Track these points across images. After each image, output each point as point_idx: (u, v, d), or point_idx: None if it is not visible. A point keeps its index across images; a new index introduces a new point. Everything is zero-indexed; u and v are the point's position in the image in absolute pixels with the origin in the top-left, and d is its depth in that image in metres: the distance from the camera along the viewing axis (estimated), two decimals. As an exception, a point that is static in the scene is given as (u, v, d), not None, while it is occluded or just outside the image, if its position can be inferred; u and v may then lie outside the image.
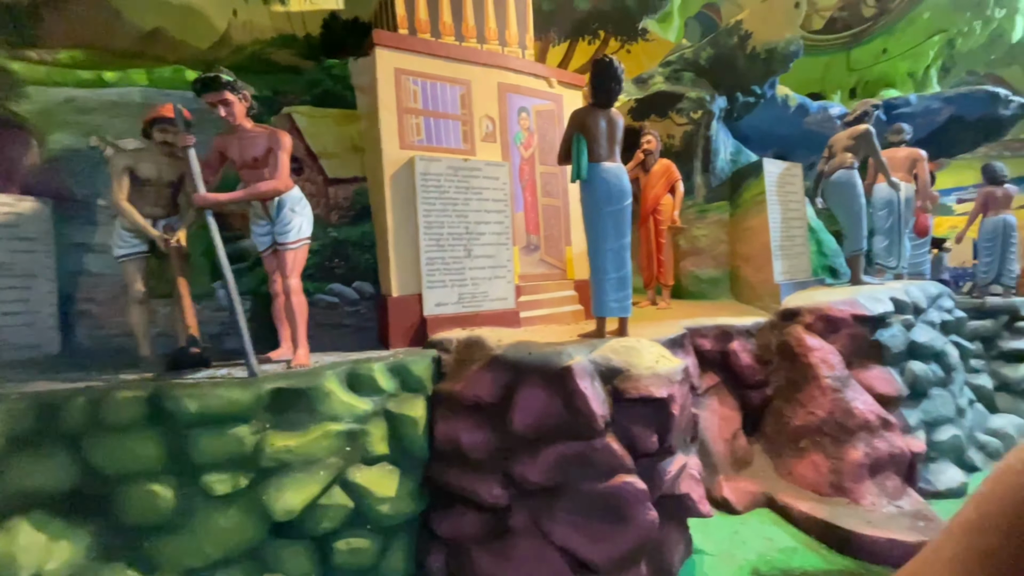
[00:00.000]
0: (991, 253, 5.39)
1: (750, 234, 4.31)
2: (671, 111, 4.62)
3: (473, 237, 3.33)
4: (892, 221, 5.06)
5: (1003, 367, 5.16)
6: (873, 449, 3.29)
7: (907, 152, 5.03)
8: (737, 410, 3.83)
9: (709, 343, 3.83)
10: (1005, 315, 5.23)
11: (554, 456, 2.43)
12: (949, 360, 4.10)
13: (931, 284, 4.49)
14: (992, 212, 5.36)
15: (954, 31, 5.79)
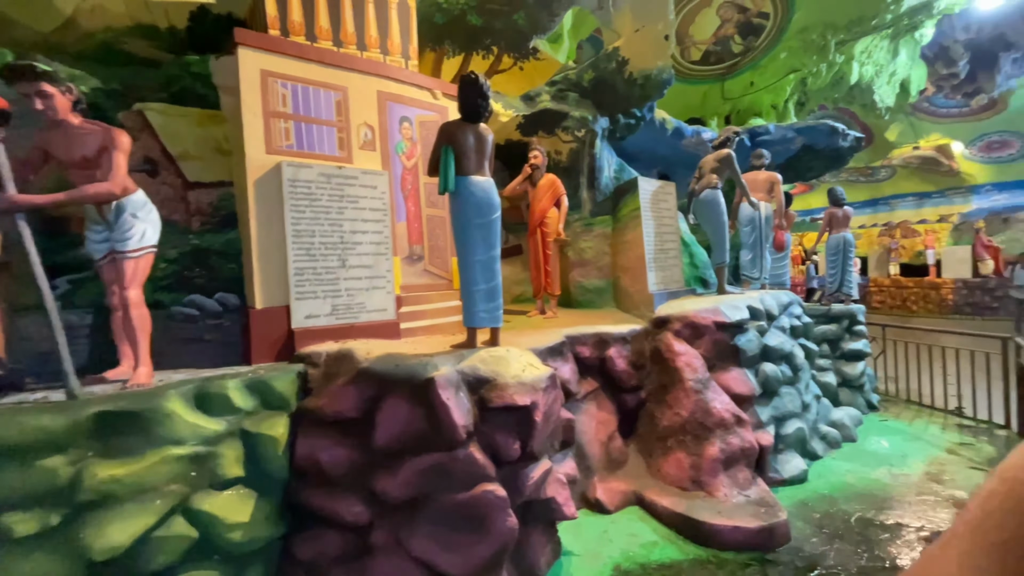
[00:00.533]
0: (835, 266, 6.15)
1: (628, 247, 4.58)
2: (558, 128, 4.83)
3: (348, 247, 3.25)
4: (755, 237, 5.61)
5: (844, 365, 5.88)
6: (728, 445, 3.60)
7: (766, 175, 5.62)
8: (614, 413, 4.04)
9: (588, 350, 4.00)
10: (846, 320, 5.98)
11: (416, 469, 2.41)
12: (796, 361, 4.60)
13: (783, 293, 5.03)
14: (835, 230, 6.13)
15: (805, 71, 6.61)
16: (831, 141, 5.98)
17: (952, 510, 3.55)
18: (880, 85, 7.40)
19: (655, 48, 4.61)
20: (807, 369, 4.90)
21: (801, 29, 6.18)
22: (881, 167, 17.25)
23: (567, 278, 5.13)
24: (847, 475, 4.15)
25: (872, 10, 5.98)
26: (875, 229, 19.41)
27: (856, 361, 5.88)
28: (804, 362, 4.82)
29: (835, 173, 18.49)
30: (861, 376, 5.87)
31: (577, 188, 4.94)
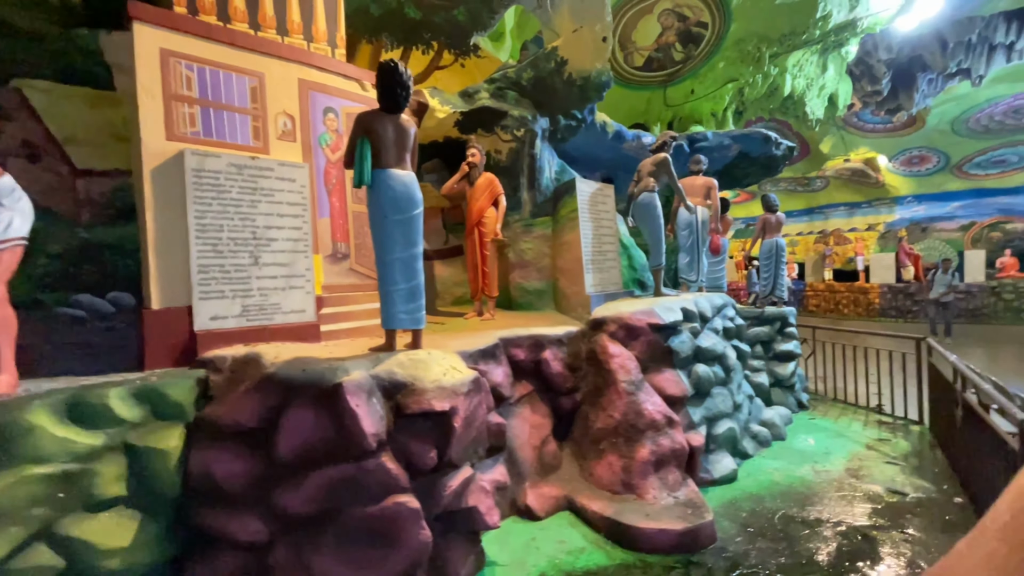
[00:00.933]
0: (768, 270, 6.37)
1: (566, 248, 4.55)
2: (497, 127, 4.75)
3: (262, 243, 3.02)
4: (692, 240, 5.72)
5: (777, 366, 6.07)
6: (658, 446, 3.60)
7: (703, 180, 5.75)
8: (549, 416, 3.97)
9: (523, 353, 3.92)
10: (778, 322, 6.19)
11: (321, 482, 2.24)
12: (729, 362, 4.68)
13: (717, 296, 5.14)
14: (768, 235, 6.35)
15: (742, 81, 6.84)
16: (765, 149, 6.21)
17: (868, 504, 3.68)
18: (811, 98, 7.79)
19: (593, 50, 4.62)
20: (739, 370, 5.01)
21: (738, 40, 6.40)
22: (816, 178, 18.23)
23: (508, 279, 5.05)
24: (774, 473, 4.25)
25: (802, 25, 6.28)
26: (811, 236, 20.47)
27: (787, 362, 6.09)
28: (736, 363, 4.93)
29: (775, 182, 19.42)
30: (792, 376, 6.08)
31: (517, 188, 4.87)
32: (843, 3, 6.23)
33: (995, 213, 16.24)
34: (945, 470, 4.26)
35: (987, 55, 9.21)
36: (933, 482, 4.04)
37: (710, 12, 6.16)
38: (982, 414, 3.50)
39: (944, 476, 4.14)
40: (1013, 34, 8.93)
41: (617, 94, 7.14)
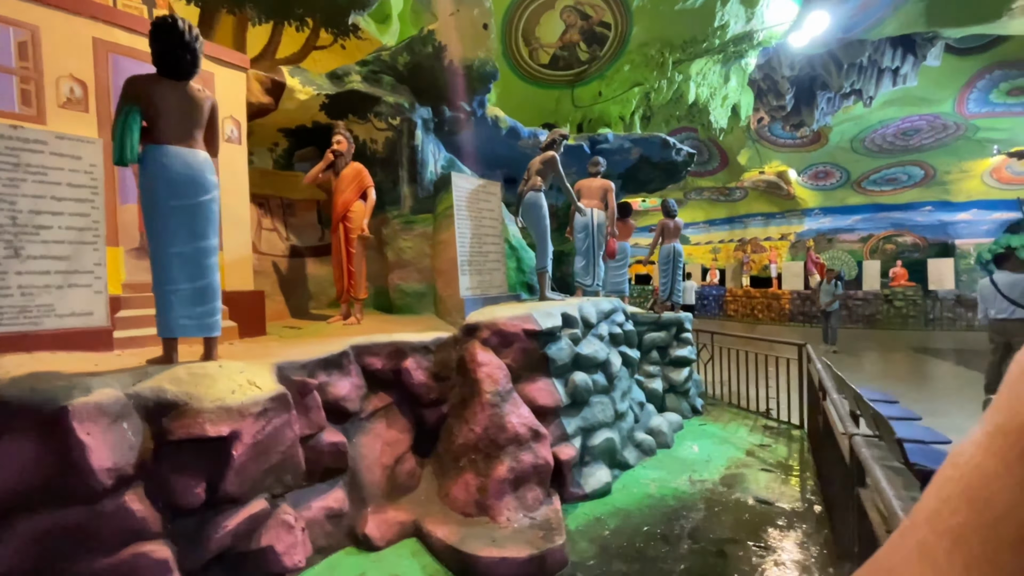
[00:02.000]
0: (666, 275, 6.36)
1: (442, 248, 4.24)
2: (370, 113, 4.37)
3: (27, 232, 2.49)
4: (588, 244, 5.57)
5: (672, 371, 6.05)
6: (519, 463, 3.34)
7: (600, 182, 5.62)
8: (409, 431, 3.64)
9: (381, 361, 3.57)
10: (674, 327, 6.17)
11: (35, 532, 1.78)
12: (612, 369, 4.53)
13: (605, 300, 5.00)
14: (667, 240, 6.34)
15: (648, 85, 6.85)
16: (665, 154, 6.21)
17: (734, 516, 3.61)
18: (715, 107, 7.97)
19: (474, 36, 4.34)
20: (625, 377, 4.89)
21: (641, 44, 6.39)
22: (736, 188, 19.06)
23: (387, 280, 4.67)
24: (650, 485, 4.12)
25: (702, 33, 6.36)
26: (732, 244, 21.40)
27: (682, 367, 6.08)
28: (622, 370, 4.80)
29: (700, 190, 20.15)
30: (686, 382, 6.07)
31: (397, 182, 4.51)
32: (740, 14, 6.37)
33: (889, 227, 17.60)
34: (813, 477, 4.30)
35: (876, 78, 9.83)
36: (800, 490, 4.05)
37: (612, 12, 6.09)
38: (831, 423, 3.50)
39: (811, 484, 4.17)
40: (898, 59, 9.56)
41: (526, 91, 6.94)
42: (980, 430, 0.31)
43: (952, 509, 0.30)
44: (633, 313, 6.21)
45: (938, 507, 0.31)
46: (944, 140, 13.96)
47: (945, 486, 0.32)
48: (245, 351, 3.13)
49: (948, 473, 0.32)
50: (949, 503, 0.31)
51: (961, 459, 0.32)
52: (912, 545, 0.33)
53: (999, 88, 11.32)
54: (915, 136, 13.95)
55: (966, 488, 0.30)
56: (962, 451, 0.32)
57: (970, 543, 0.28)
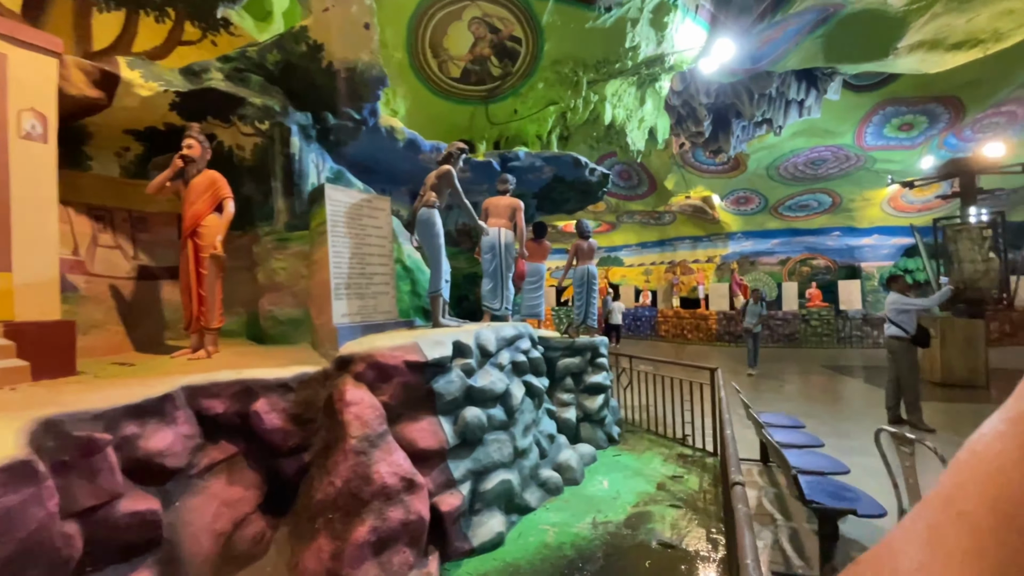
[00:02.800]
0: (580, 297, 6.12)
1: (315, 269, 3.74)
2: (234, 116, 3.85)
3: None
4: (495, 265, 5.23)
5: (586, 399, 5.75)
6: (384, 521, 2.86)
7: (508, 201, 5.33)
8: (259, 487, 3.07)
9: (223, 404, 3.01)
10: (589, 352, 5.91)
11: None
12: (512, 402, 4.15)
13: (509, 326, 4.65)
14: (580, 262, 6.13)
15: (563, 104, 6.73)
16: (577, 173, 6.06)
17: (633, 563, 3.27)
18: (632, 129, 8.01)
19: (355, 37, 3.96)
20: (530, 410, 4.52)
21: (554, 61, 6.28)
22: (665, 212, 19.64)
23: (257, 306, 4.08)
24: (550, 531, 3.73)
25: (614, 54, 6.34)
26: (662, 266, 21.98)
27: (597, 394, 5.81)
28: (526, 402, 4.44)
29: (631, 214, 20.62)
30: (602, 409, 5.80)
31: (269, 194, 3.99)
32: (650, 36, 6.42)
33: (804, 250, 18.66)
34: (721, 512, 4.07)
35: (784, 108, 10.33)
36: (706, 529, 3.79)
37: (522, 27, 5.93)
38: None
39: (717, 520, 3.93)
40: (803, 92, 10.09)
41: (438, 106, 6.61)
42: (999, 417, 0.32)
43: (966, 494, 0.31)
44: (546, 338, 5.91)
45: (952, 492, 0.32)
46: (847, 170, 15.01)
47: (960, 471, 0.32)
48: (20, 399, 2.48)
49: (964, 459, 0.33)
50: (963, 488, 0.31)
51: (979, 446, 0.32)
52: (922, 528, 0.33)
53: (891, 123, 12.30)
54: (822, 166, 14.91)
55: (982, 474, 0.30)
56: (980, 438, 0.32)
57: (982, 527, 0.28)
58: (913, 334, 6.22)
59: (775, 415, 5.05)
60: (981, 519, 0.28)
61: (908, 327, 6.24)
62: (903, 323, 6.27)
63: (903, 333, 6.27)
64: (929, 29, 7.35)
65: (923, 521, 0.33)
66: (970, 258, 9.43)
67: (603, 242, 24.03)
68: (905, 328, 6.26)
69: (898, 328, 6.30)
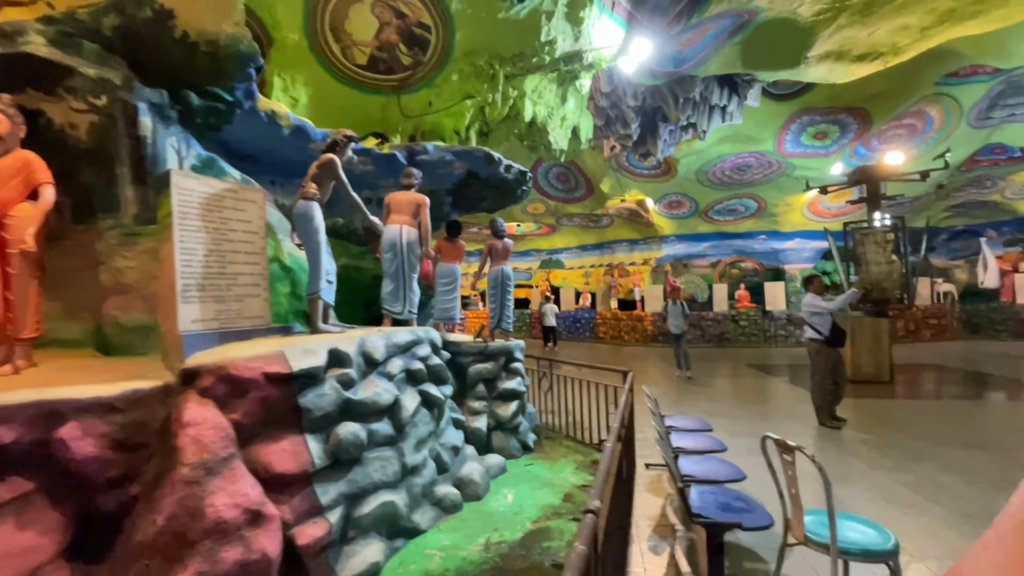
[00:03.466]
0: (495, 300, 5.84)
1: (162, 267, 3.23)
2: (60, 88, 3.29)
3: None
4: (396, 265, 4.86)
5: (499, 407, 5.47)
6: (214, 564, 2.42)
7: (412, 196, 4.97)
8: (62, 529, 2.55)
9: (15, 431, 2.48)
10: (503, 357, 5.64)
11: None
12: (403, 415, 3.79)
13: (405, 331, 4.29)
14: (495, 262, 5.85)
15: (481, 99, 6.45)
16: (492, 170, 5.79)
17: (520, 591, 2.99)
18: (554, 127, 7.86)
19: (213, 5, 3.50)
20: (427, 422, 4.17)
21: (468, 52, 5.99)
22: (603, 215, 19.83)
23: (101, 311, 3.51)
24: (436, 557, 3.40)
25: (530, 47, 6.14)
26: (601, 269, 22.22)
27: (510, 401, 5.54)
28: (421, 414, 4.09)
29: (571, 216, 20.68)
30: (515, 417, 5.54)
31: (113, 183, 3.44)
32: (567, 31, 6.27)
33: (733, 253, 19.36)
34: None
35: (708, 113, 10.54)
36: (604, 543, 3.58)
37: (430, 14, 5.60)
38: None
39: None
40: (725, 98, 10.32)
41: (347, 96, 6.15)
42: None
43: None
44: (457, 343, 5.60)
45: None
46: (771, 176, 15.68)
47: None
48: None
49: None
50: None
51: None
52: (999, 557, 0.31)
53: (807, 131, 12.92)
54: (748, 171, 15.49)
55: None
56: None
57: None
58: (827, 335, 6.35)
59: (684, 418, 4.96)
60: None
61: (823, 329, 6.37)
62: (817, 325, 6.40)
63: (817, 335, 6.40)
64: (835, 40, 7.63)
65: (999, 550, 0.31)
66: (876, 260, 9.94)
67: (544, 245, 24.04)
68: (819, 330, 6.39)
69: (813, 330, 6.43)
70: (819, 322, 6.40)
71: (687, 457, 3.81)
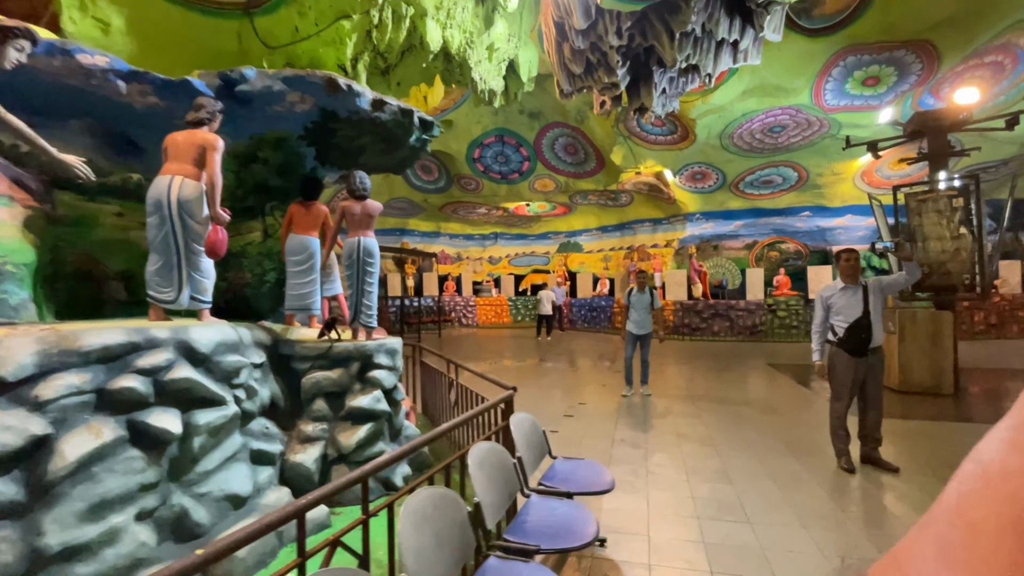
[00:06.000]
0: (351, 283, 4.30)
1: None
2: None
3: None
4: (164, 233, 3.41)
5: (344, 431, 3.96)
6: None
7: (197, 137, 3.50)
8: None
9: None
10: (356, 362, 4.11)
11: None
12: (54, 467, 2.35)
13: (114, 331, 2.82)
14: (353, 232, 4.28)
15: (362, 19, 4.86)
16: (348, 104, 4.21)
17: None
18: (478, 60, 6.08)
19: None
20: (134, 471, 2.71)
21: (331, -48, 4.44)
22: (621, 192, 17.73)
23: None
24: None
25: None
26: (621, 252, 20.13)
27: (362, 424, 4.01)
28: (115, 459, 2.63)
29: (585, 194, 18.61)
30: (367, 446, 4.02)
31: None
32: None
33: (772, 233, 16.79)
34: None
35: (714, 52, 8.40)
36: None
37: None
38: None
39: None
40: (736, 32, 8.15)
41: (182, 19, 4.74)
42: (1004, 425, 0.32)
43: (972, 503, 0.31)
44: (292, 341, 4.13)
45: (958, 502, 0.32)
46: (810, 138, 13.08)
47: (966, 481, 0.32)
48: None
49: (969, 468, 0.33)
50: (969, 498, 0.31)
51: (984, 455, 0.32)
52: (929, 540, 0.33)
53: (854, 77, 10.37)
54: (782, 133, 12.98)
55: (988, 483, 0.30)
56: (985, 447, 0.32)
57: (990, 538, 0.28)
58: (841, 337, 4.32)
59: (576, 464, 3.27)
60: (989, 530, 0.28)
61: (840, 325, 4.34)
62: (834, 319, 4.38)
63: (831, 336, 4.42)
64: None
65: (929, 533, 0.33)
66: (937, 234, 7.60)
67: (562, 226, 22.17)
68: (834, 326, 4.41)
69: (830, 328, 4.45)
70: (840, 316, 4.36)
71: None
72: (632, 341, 7.23)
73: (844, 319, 4.26)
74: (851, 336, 4.24)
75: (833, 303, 4.35)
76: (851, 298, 4.24)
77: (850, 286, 4.28)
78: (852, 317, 4.21)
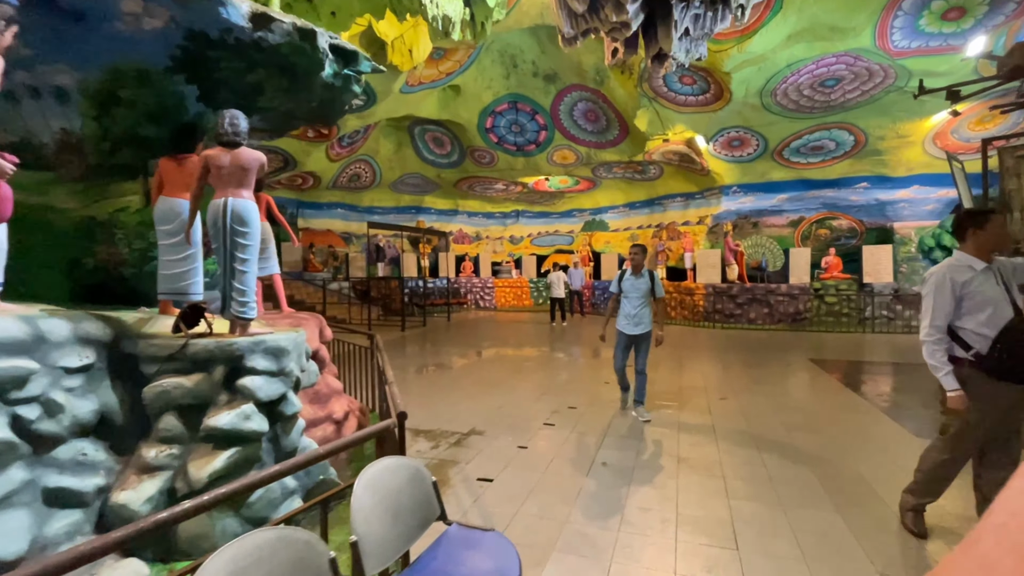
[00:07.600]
0: (220, 257, 3.23)
1: None
2: None
3: None
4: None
5: (200, 459, 2.95)
6: None
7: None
8: None
9: None
10: (221, 365, 3.07)
11: None
12: None
13: None
14: (220, 192, 3.20)
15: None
16: (214, 18, 3.08)
17: None
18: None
19: None
20: None
21: None
22: (649, 164, 16.08)
23: None
24: None
25: None
26: (650, 230, 18.51)
27: (225, 449, 2.98)
28: None
29: (609, 167, 17.02)
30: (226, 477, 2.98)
31: None
32: None
33: (821, 208, 14.81)
34: None
35: (749, -23, 6.76)
36: None
37: None
38: None
39: None
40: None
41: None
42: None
43: (1020, 524, 0.29)
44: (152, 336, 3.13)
45: (1006, 521, 0.31)
46: (871, 93, 11.06)
47: (1015, 499, 0.31)
48: None
49: (1019, 486, 0.31)
50: (1018, 517, 0.30)
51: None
52: (974, 560, 0.32)
53: (930, 9, 8.42)
54: (836, 88, 11.03)
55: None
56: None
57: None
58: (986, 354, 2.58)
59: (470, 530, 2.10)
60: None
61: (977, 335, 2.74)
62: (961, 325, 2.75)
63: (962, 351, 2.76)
64: None
65: (975, 552, 0.31)
66: (1040, 201, 5.87)
67: (586, 203, 20.64)
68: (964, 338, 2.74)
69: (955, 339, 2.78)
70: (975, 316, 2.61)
71: None
72: (624, 345, 5.28)
73: (986, 321, 2.58)
74: (1013, 350, 2.51)
75: (970, 292, 2.63)
76: (994, 288, 2.60)
77: (987, 266, 2.64)
78: (1002, 319, 2.54)
